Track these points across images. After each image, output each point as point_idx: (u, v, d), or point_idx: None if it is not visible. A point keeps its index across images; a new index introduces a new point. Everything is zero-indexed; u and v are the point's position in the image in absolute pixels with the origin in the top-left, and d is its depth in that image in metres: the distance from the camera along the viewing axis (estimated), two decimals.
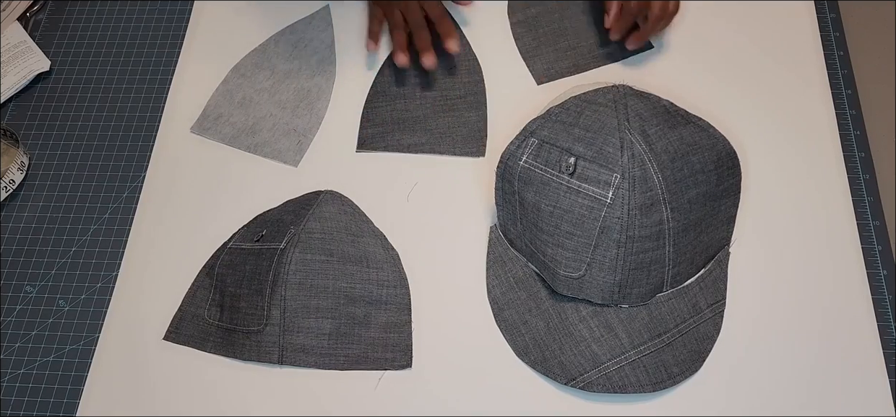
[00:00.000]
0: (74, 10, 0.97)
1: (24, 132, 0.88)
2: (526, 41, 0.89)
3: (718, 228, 0.74)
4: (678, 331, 0.70)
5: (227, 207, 0.81)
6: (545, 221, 0.70)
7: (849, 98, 0.84)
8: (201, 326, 0.74)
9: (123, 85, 0.91)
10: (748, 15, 0.90)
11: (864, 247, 0.75)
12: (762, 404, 0.68)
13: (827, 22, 0.89)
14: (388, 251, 0.76)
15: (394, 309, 0.73)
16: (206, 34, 0.93)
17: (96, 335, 0.75)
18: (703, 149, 0.71)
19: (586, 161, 0.69)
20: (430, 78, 0.87)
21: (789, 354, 0.70)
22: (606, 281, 0.69)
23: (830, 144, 0.81)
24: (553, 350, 0.70)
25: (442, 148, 0.83)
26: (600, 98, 0.72)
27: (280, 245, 0.73)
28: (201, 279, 0.77)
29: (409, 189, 0.81)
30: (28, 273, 0.79)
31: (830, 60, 0.86)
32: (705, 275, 0.73)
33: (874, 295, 0.73)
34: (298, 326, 0.71)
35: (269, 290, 0.71)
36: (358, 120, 0.86)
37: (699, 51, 0.88)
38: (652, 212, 0.68)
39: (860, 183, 0.79)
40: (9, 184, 0.83)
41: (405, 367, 0.72)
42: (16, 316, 0.77)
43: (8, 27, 0.94)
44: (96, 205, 0.83)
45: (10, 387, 0.73)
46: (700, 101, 0.83)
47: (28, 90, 0.91)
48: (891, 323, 0.72)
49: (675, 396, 0.69)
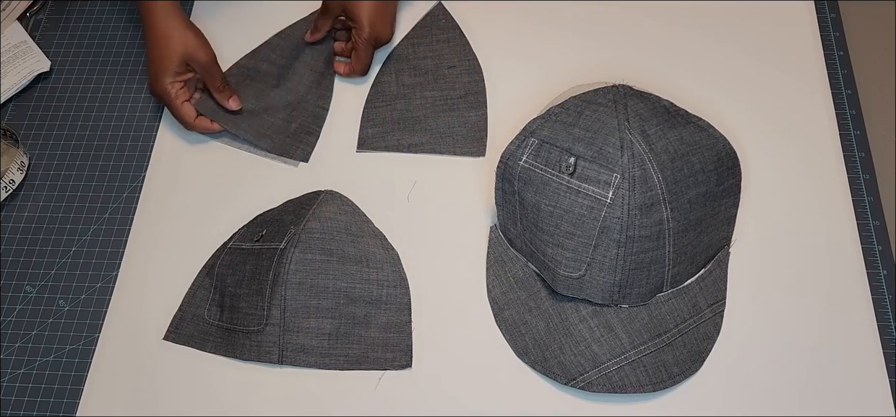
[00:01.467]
0: (74, 10, 0.97)
1: (24, 132, 0.88)
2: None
3: (718, 228, 0.74)
4: (678, 331, 0.70)
5: (227, 207, 0.81)
6: (545, 221, 0.70)
7: (849, 98, 0.84)
8: (201, 326, 0.74)
9: (123, 85, 0.91)
10: (748, 15, 0.90)
11: (864, 247, 0.75)
12: (762, 404, 0.68)
13: (827, 22, 0.89)
14: (388, 251, 0.76)
15: (394, 309, 0.73)
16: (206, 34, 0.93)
17: (96, 335, 0.75)
18: (703, 149, 0.71)
19: (586, 161, 0.69)
20: (430, 77, 0.87)
21: (789, 354, 0.70)
22: (606, 281, 0.69)
23: (830, 144, 0.81)
24: (553, 350, 0.70)
25: (442, 148, 0.83)
26: (600, 98, 0.72)
27: (280, 245, 0.73)
28: (201, 279, 0.77)
29: (409, 189, 0.81)
30: (28, 273, 0.79)
31: (830, 60, 0.86)
32: (705, 275, 0.73)
33: (874, 295, 0.73)
34: (298, 326, 0.71)
35: (269, 290, 0.71)
36: (358, 120, 0.86)
37: (699, 51, 0.88)
38: (652, 212, 0.68)
39: (860, 183, 0.79)
40: (9, 184, 0.83)
41: (405, 367, 0.72)
42: (16, 316, 0.77)
43: (8, 27, 0.94)
44: (96, 205, 0.83)
45: (10, 387, 0.73)
46: (700, 101, 0.83)
47: (28, 90, 0.91)
48: (891, 322, 0.72)
49: (675, 396, 0.69)
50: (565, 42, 0.89)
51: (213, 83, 0.83)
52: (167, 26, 0.81)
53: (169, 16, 0.81)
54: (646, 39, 0.89)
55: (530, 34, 0.90)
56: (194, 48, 0.81)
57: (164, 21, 0.81)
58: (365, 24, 0.84)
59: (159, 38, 0.81)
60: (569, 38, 0.90)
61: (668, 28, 0.89)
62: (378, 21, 0.84)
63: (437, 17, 0.91)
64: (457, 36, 0.90)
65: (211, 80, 0.82)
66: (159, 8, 0.81)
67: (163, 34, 0.80)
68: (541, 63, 0.88)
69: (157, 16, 0.81)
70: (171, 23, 0.81)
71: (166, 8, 0.81)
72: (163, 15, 0.81)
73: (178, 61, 0.81)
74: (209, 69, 0.82)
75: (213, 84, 0.83)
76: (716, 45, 0.88)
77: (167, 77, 0.81)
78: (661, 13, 0.90)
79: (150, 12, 0.81)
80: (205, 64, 0.81)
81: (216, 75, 0.83)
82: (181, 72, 0.81)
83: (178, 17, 0.81)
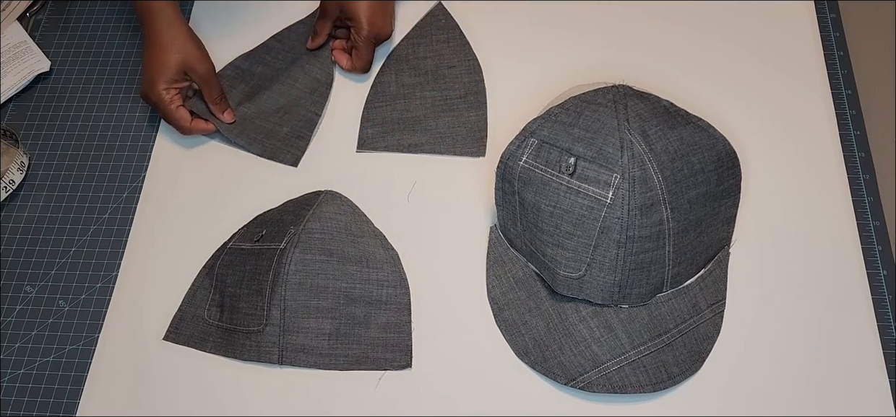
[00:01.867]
0: (74, 10, 0.97)
1: (24, 132, 0.88)
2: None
3: (718, 228, 0.74)
4: (678, 331, 0.70)
5: (227, 207, 0.81)
6: (545, 221, 0.70)
7: (849, 98, 0.84)
8: (201, 326, 0.74)
9: (123, 85, 0.91)
10: (748, 15, 0.90)
11: (864, 247, 0.75)
12: (762, 404, 0.68)
13: (827, 22, 0.89)
14: (388, 251, 0.76)
15: (394, 310, 0.73)
16: (206, 34, 0.93)
17: (96, 335, 0.75)
18: (703, 149, 0.71)
19: (586, 161, 0.69)
20: (430, 77, 0.87)
21: (789, 354, 0.70)
22: (606, 282, 0.69)
23: (830, 144, 0.81)
24: (553, 350, 0.70)
25: (442, 148, 0.83)
26: (600, 98, 0.72)
27: (280, 245, 0.73)
28: (201, 279, 0.77)
29: (409, 189, 0.81)
30: (28, 273, 0.79)
31: (830, 60, 0.86)
32: (705, 275, 0.73)
33: (874, 295, 0.73)
34: (298, 326, 0.71)
35: (269, 290, 0.71)
36: (358, 120, 0.86)
37: (699, 51, 0.88)
38: (652, 213, 0.68)
39: (860, 183, 0.79)
40: (9, 184, 0.83)
41: (405, 367, 0.72)
42: (16, 316, 0.77)
43: (8, 27, 0.94)
44: (96, 205, 0.83)
45: (10, 387, 0.73)
46: (700, 101, 0.83)
47: (28, 90, 0.91)
48: (891, 322, 0.72)
49: (675, 396, 0.69)
50: (565, 42, 0.89)
51: (211, 95, 0.82)
52: (169, 35, 0.80)
53: (171, 25, 0.80)
54: (646, 39, 0.89)
55: (530, 34, 0.90)
56: (195, 59, 0.81)
57: (166, 29, 0.80)
58: (364, 22, 0.84)
59: (159, 45, 0.80)
60: (569, 38, 0.90)
61: (668, 28, 0.89)
62: (376, 18, 0.84)
63: (437, 17, 0.91)
64: (457, 36, 0.90)
65: (208, 92, 0.82)
66: (162, 15, 0.80)
67: (164, 41, 0.80)
68: (541, 63, 0.88)
69: (159, 22, 0.80)
70: (173, 31, 0.80)
71: (169, 16, 0.80)
72: (165, 23, 0.80)
73: (176, 70, 0.80)
74: (208, 81, 0.82)
75: (210, 96, 0.82)
76: (716, 45, 0.88)
77: (162, 83, 0.80)
78: (661, 13, 0.90)
79: (151, 18, 0.81)
80: (203, 75, 0.81)
81: (214, 87, 0.82)
82: (177, 81, 0.81)
83: (181, 26, 0.81)
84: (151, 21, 0.81)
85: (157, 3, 0.80)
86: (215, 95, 0.82)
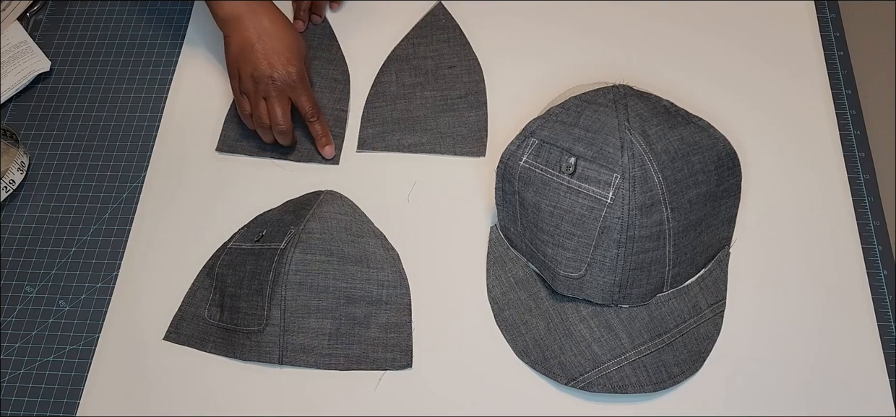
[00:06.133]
0: (74, 10, 0.97)
1: (24, 132, 0.88)
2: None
3: (719, 228, 0.74)
4: (678, 331, 0.70)
5: (227, 207, 0.81)
6: (545, 221, 0.70)
7: (849, 98, 0.84)
8: (201, 326, 0.74)
9: (123, 85, 0.91)
10: (748, 15, 0.90)
11: (864, 247, 0.75)
12: (762, 404, 0.68)
13: (827, 22, 0.89)
14: (388, 251, 0.76)
15: (394, 309, 0.73)
16: (206, 34, 0.93)
17: (96, 335, 0.75)
18: (704, 149, 0.71)
19: (586, 161, 0.69)
20: (431, 77, 0.87)
21: (789, 354, 0.70)
22: (606, 281, 0.69)
23: (830, 144, 0.81)
24: (553, 350, 0.70)
25: (442, 148, 0.83)
26: (600, 98, 0.72)
27: (280, 245, 0.73)
28: (201, 279, 0.77)
29: (409, 189, 0.81)
30: (28, 273, 0.79)
31: (830, 60, 0.86)
32: (705, 275, 0.73)
33: (874, 295, 0.73)
34: (298, 326, 0.71)
35: (270, 290, 0.71)
36: (358, 120, 0.86)
37: (699, 51, 0.88)
38: (652, 212, 0.68)
39: (860, 183, 0.79)
40: (9, 184, 0.83)
41: (405, 367, 0.72)
42: (16, 316, 0.77)
43: (8, 27, 0.94)
44: (96, 205, 0.83)
45: (10, 387, 0.73)
46: (700, 101, 0.83)
47: (28, 90, 0.91)
48: (891, 322, 0.72)
49: (675, 396, 0.69)
50: (565, 42, 0.89)
51: (307, 106, 0.82)
52: (287, 22, 0.82)
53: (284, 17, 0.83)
54: (646, 39, 0.89)
55: (530, 34, 0.90)
56: (308, 62, 0.84)
57: (281, 16, 0.82)
58: None
59: (285, 28, 0.81)
60: (569, 38, 0.90)
61: (668, 28, 0.89)
62: None
63: (437, 17, 0.91)
64: (457, 36, 0.90)
65: (306, 100, 0.82)
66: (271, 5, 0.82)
67: (286, 24, 0.82)
68: (541, 63, 0.88)
69: (272, 10, 0.82)
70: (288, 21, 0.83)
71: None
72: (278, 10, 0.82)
73: (304, 57, 0.82)
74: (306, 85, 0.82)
75: (305, 107, 0.82)
76: (716, 45, 0.88)
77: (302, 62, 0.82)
78: (662, 13, 0.90)
79: (263, 7, 0.81)
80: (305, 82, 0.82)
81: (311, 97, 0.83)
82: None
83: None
84: (263, 10, 0.81)
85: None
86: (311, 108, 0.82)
